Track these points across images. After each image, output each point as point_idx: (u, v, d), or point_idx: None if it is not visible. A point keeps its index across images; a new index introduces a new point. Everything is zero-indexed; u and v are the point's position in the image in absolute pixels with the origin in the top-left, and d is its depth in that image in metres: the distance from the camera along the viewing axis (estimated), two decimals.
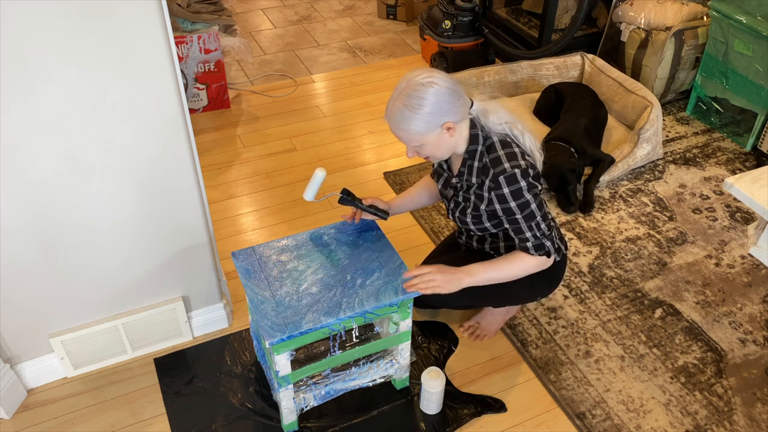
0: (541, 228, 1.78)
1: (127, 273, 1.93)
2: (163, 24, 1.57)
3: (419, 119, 1.65)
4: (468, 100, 1.74)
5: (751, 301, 2.32)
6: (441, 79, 1.67)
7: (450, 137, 1.71)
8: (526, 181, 1.72)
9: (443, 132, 1.69)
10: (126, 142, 1.70)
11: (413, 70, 1.70)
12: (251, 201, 2.77)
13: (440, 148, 1.73)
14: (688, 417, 1.95)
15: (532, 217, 1.76)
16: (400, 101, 1.66)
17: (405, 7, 4.23)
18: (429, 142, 1.71)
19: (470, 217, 1.86)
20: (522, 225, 1.77)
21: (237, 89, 3.52)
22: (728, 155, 3.04)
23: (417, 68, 1.71)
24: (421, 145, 1.72)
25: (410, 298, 1.76)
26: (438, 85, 1.65)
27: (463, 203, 1.87)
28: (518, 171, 1.70)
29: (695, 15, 3.22)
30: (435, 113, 1.66)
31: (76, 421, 1.92)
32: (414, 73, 1.68)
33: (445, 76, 1.68)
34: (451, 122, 1.69)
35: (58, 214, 1.72)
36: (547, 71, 3.32)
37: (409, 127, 1.67)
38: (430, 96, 1.64)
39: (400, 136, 1.72)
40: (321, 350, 1.92)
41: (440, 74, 1.68)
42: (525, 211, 1.74)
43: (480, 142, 1.76)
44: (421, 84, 1.65)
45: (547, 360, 2.11)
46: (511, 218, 1.77)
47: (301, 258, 1.84)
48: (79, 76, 1.55)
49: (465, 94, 1.73)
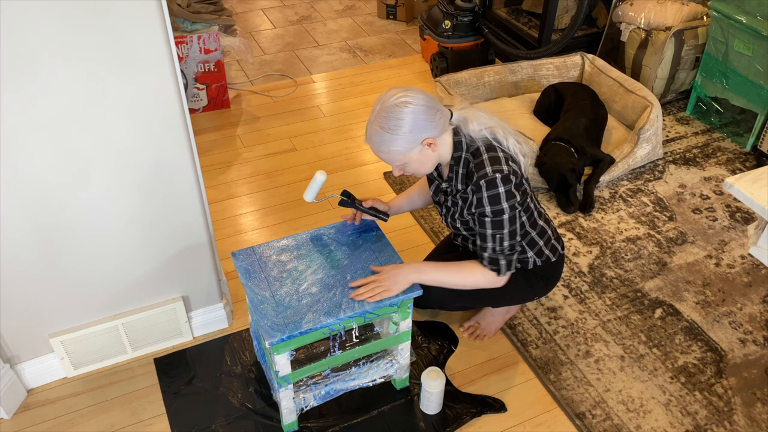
0: (503, 244, 1.75)
1: (127, 273, 1.93)
2: (163, 24, 1.57)
3: (398, 140, 1.65)
4: (447, 111, 1.73)
5: (751, 301, 2.32)
6: (415, 97, 1.65)
7: (432, 152, 1.71)
8: (505, 187, 1.70)
9: (424, 148, 1.69)
10: (126, 142, 1.70)
11: (387, 90, 1.69)
12: (251, 201, 2.77)
13: (424, 164, 1.73)
14: (688, 417, 1.96)
15: (499, 227, 1.73)
16: (377, 124, 1.66)
17: (405, 7, 4.23)
18: (412, 159, 1.70)
19: (459, 222, 1.87)
20: (487, 232, 1.75)
21: (237, 89, 3.52)
22: (728, 155, 3.04)
23: (391, 88, 1.70)
24: (405, 163, 1.72)
25: (410, 299, 1.76)
26: (413, 103, 1.64)
27: (452, 207, 1.87)
28: (499, 176, 1.69)
29: (695, 15, 3.22)
30: (413, 132, 1.65)
31: (76, 421, 1.92)
32: (388, 94, 1.67)
33: (419, 93, 1.67)
34: (431, 138, 1.68)
35: (58, 214, 1.72)
36: (547, 71, 3.32)
37: (389, 148, 1.67)
38: (406, 116, 1.63)
39: (382, 158, 1.72)
40: (321, 350, 1.92)
41: (414, 91, 1.67)
42: (495, 219, 1.73)
43: (464, 149, 1.75)
44: (396, 105, 1.64)
45: (547, 360, 2.11)
46: (480, 222, 1.75)
47: (301, 258, 1.84)
48: (79, 76, 1.55)
49: (442, 107, 1.71)
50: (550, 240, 1.94)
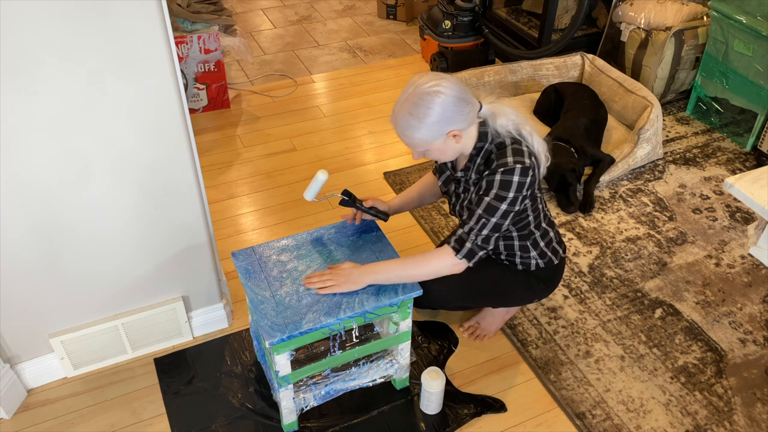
0: (482, 231, 1.72)
1: (127, 273, 1.93)
2: (163, 24, 1.57)
3: (424, 128, 1.64)
4: (477, 103, 1.72)
5: (751, 301, 2.32)
6: (448, 87, 1.63)
7: (456, 143, 1.70)
8: (521, 178, 1.69)
9: (449, 139, 1.68)
10: (126, 142, 1.70)
11: (422, 74, 1.67)
12: (251, 201, 2.77)
13: (446, 153, 1.72)
14: (688, 417, 1.95)
15: (490, 213, 1.70)
16: (406, 109, 1.64)
17: (405, 7, 4.23)
18: (434, 148, 1.70)
19: (467, 211, 1.83)
20: (475, 212, 1.71)
21: (237, 89, 3.52)
22: (728, 155, 3.04)
23: (425, 73, 1.68)
24: (427, 150, 1.71)
25: (410, 299, 1.76)
26: (444, 94, 1.62)
27: (462, 194, 1.86)
28: (519, 167, 1.69)
29: (695, 15, 3.22)
30: (440, 122, 1.64)
31: (76, 421, 1.92)
32: (422, 80, 1.65)
33: (452, 84, 1.65)
34: (457, 130, 1.67)
35: (58, 214, 1.72)
36: (547, 71, 3.32)
37: (413, 134, 1.66)
38: (436, 106, 1.62)
39: (404, 141, 1.71)
40: (321, 350, 1.92)
41: (448, 81, 1.65)
42: (492, 202, 1.69)
43: (488, 140, 1.74)
44: (428, 93, 1.62)
45: (547, 360, 2.11)
46: (477, 201, 1.72)
47: (301, 258, 1.84)
48: (79, 76, 1.55)
49: (473, 99, 1.70)
50: (551, 242, 1.94)
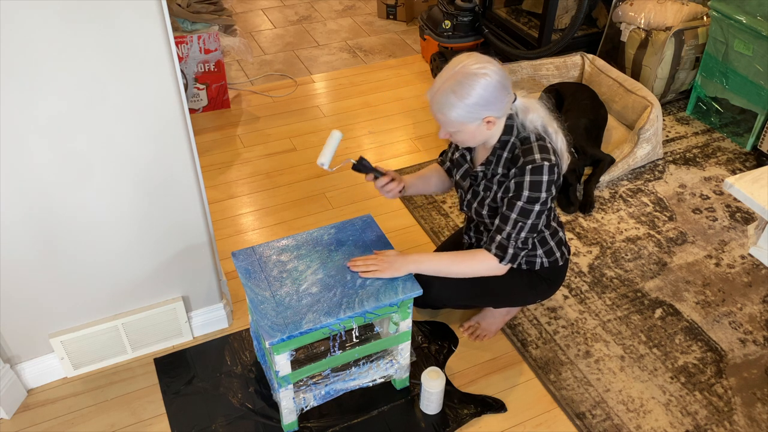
0: (521, 234, 1.75)
1: (127, 273, 1.93)
2: (163, 24, 1.57)
3: (462, 108, 1.63)
4: (513, 95, 1.72)
5: (751, 301, 2.32)
6: (494, 71, 1.63)
7: (488, 130, 1.70)
8: (549, 177, 1.70)
9: (483, 124, 1.68)
10: (126, 142, 1.70)
11: (470, 54, 1.67)
12: (251, 201, 2.77)
13: (475, 138, 1.72)
14: (688, 417, 1.95)
15: (525, 215, 1.73)
16: (449, 86, 1.63)
17: (405, 7, 4.23)
18: (466, 130, 1.69)
19: (487, 208, 1.84)
20: (511, 216, 1.73)
21: (237, 89, 3.52)
22: (728, 155, 3.04)
23: (473, 54, 1.67)
24: (458, 131, 1.70)
25: (410, 299, 1.76)
26: (490, 77, 1.62)
27: (482, 193, 1.84)
28: (547, 164, 1.69)
29: (695, 15, 3.22)
30: (480, 105, 1.63)
31: (76, 421, 1.92)
32: (470, 60, 1.64)
33: (498, 69, 1.65)
34: (493, 117, 1.67)
35: (58, 214, 1.72)
36: (547, 71, 3.32)
37: (450, 112, 1.65)
38: (480, 88, 1.61)
39: (437, 118, 1.69)
40: (321, 350, 1.92)
41: (494, 66, 1.65)
42: (526, 205, 1.72)
43: (514, 134, 1.74)
44: (474, 74, 1.61)
45: (547, 360, 2.11)
46: (510, 203, 1.74)
47: (301, 258, 1.84)
48: (79, 76, 1.55)
49: (511, 90, 1.70)
50: (561, 243, 1.94)
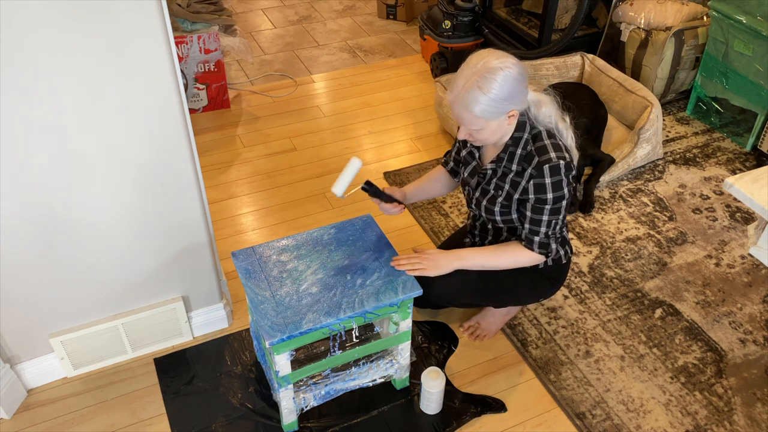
0: (557, 228, 1.78)
1: (127, 273, 1.93)
2: (163, 24, 1.57)
3: (488, 103, 1.62)
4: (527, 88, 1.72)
5: (751, 301, 2.32)
6: (514, 64, 1.63)
7: (508, 125, 1.70)
8: (566, 172, 1.71)
9: (505, 119, 1.67)
10: (126, 142, 1.70)
11: (489, 52, 1.66)
12: (251, 201, 2.77)
13: (496, 134, 1.71)
14: (688, 417, 1.95)
15: (557, 213, 1.75)
16: (474, 81, 1.62)
17: (405, 7, 4.23)
18: (489, 127, 1.68)
19: (499, 206, 1.83)
20: (543, 218, 1.75)
21: (237, 89, 3.52)
22: (728, 155, 3.04)
23: (491, 51, 1.67)
24: (482, 128, 1.68)
25: (410, 299, 1.76)
26: (512, 70, 1.62)
27: (493, 192, 1.84)
28: (563, 163, 1.70)
29: (695, 15, 3.22)
30: (505, 99, 1.63)
31: (76, 421, 1.92)
32: (490, 56, 1.64)
33: (517, 61, 1.65)
34: (516, 110, 1.67)
35: (58, 214, 1.72)
36: (547, 71, 3.32)
37: (475, 108, 1.63)
38: (503, 81, 1.61)
39: (462, 117, 1.67)
40: (321, 350, 1.92)
41: (514, 59, 1.65)
42: (554, 205, 1.73)
43: (527, 130, 1.74)
44: (499, 68, 1.61)
45: (547, 360, 2.11)
46: (537, 208, 1.75)
47: (301, 258, 1.84)
48: (79, 76, 1.55)
49: None
50: (565, 241, 1.94)
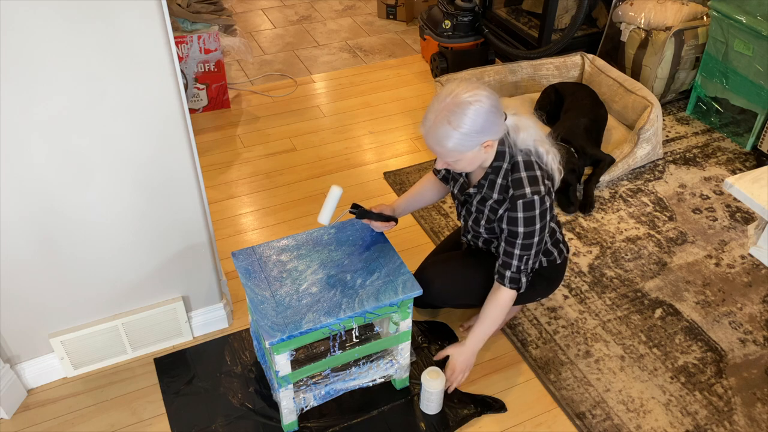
0: (528, 263, 1.79)
1: (127, 273, 1.93)
2: (163, 24, 1.57)
3: (459, 138, 1.63)
4: (504, 113, 1.72)
5: (751, 301, 2.32)
6: (486, 96, 1.63)
7: (485, 153, 1.70)
8: (541, 208, 1.72)
9: (481, 149, 1.68)
10: (126, 142, 1.70)
11: (459, 83, 1.67)
12: (251, 201, 2.77)
13: (473, 163, 1.72)
14: (688, 417, 1.96)
15: (528, 248, 1.77)
16: (443, 116, 1.62)
17: (405, 7, 4.23)
18: (466, 158, 1.69)
19: (483, 228, 1.88)
20: (515, 252, 1.77)
21: (237, 89, 3.52)
22: (728, 155, 3.04)
23: (462, 82, 1.67)
24: (457, 160, 1.70)
25: (410, 298, 1.76)
26: (483, 103, 1.62)
27: (475, 213, 1.87)
28: (537, 198, 1.70)
29: (695, 15, 3.22)
30: (478, 132, 1.63)
31: (76, 421, 1.92)
32: (459, 89, 1.64)
33: (489, 93, 1.65)
34: (491, 141, 1.67)
35: (58, 214, 1.72)
36: (547, 71, 3.32)
37: (448, 143, 1.64)
38: (474, 116, 1.61)
39: (435, 151, 1.69)
40: (321, 350, 1.92)
41: (485, 90, 1.64)
42: (525, 241, 1.75)
43: (506, 160, 1.74)
44: (468, 102, 1.61)
45: (547, 360, 2.11)
46: (509, 241, 1.77)
47: (301, 258, 1.84)
48: (79, 76, 1.55)
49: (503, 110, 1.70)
50: (558, 242, 1.95)
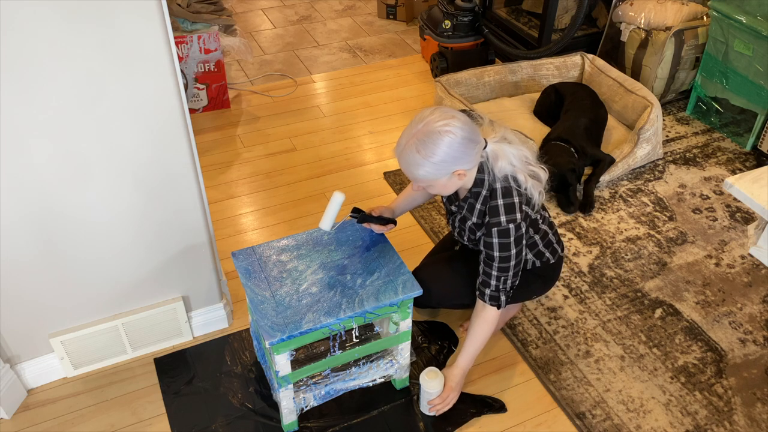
0: (506, 283, 1.81)
1: (127, 273, 1.93)
2: (163, 24, 1.57)
3: (430, 167, 1.63)
4: (483, 142, 1.71)
5: (751, 301, 2.32)
6: (458, 127, 1.61)
7: (459, 180, 1.70)
8: (516, 234, 1.74)
9: (453, 177, 1.68)
10: (126, 142, 1.70)
11: (433, 110, 1.65)
12: (251, 201, 2.77)
13: (447, 188, 1.73)
14: (688, 417, 1.96)
15: (505, 270, 1.78)
16: (413, 145, 1.62)
17: (405, 7, 4.23)
18: (438, 184, 1.70)
19: (468, 240, 1.91)
20: (493, 272, 1.79)
21: (237, 89, 3.52)
22: (728, 155, 3.04)
23: (436, 109, 1.65)
24: (429, 185, 1.71)
25: (410, 298, 1.76)
26: (454, 134, 1.60)
27: (458, 228, 1.91)
28: (512, 226, 1.72)
29: (695, 15, 3.22)
30: (447, 162, 1.63)
31: (76, 421, 1.92)
32: (433, 116, 1.62)
33: (462, 123, 1.63)
34: (463, 170, 1.67)
35: (58, 214, 1.72)
36: (547, 71, 3.32)
37: (417, 170, 1.65)
38: (444, 146, 1.60)
39: (407, 173, 1.69)
40: (321, 350, 1.92)
41: (459, 121, 1.62)
42: (502, 264, 1.77)
43: (485, 187, 1.75)
44: (438, 132, 1.60)
45: (547, 360, 2.11)
46: (488, 262, 1.79)
47: (301, 258, 1.84)
48: (79, 76, 1.55)
49: (481, 138, 1.69)
50: (551, 243, 1.95)
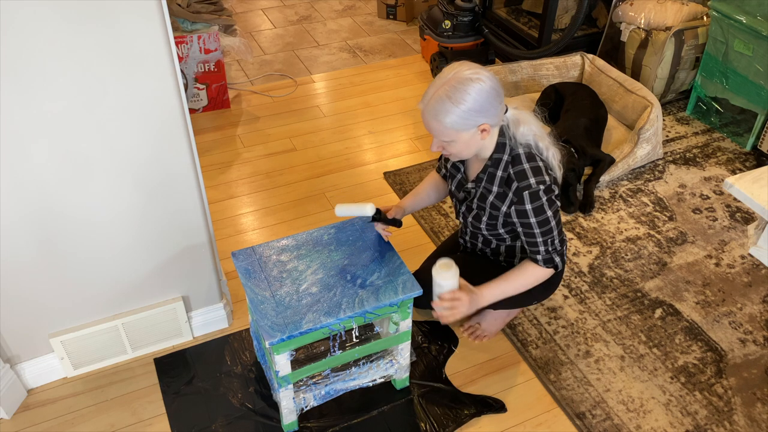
0: (555, 243, 1.79)
1: (127, 273, 1.93)
2: (163, 24, 1.57)
3: (458, 114, 1.62)
4: (505, 106, 1.71)
5: (751, 301, 2.32)
6: (488, 77, 1.63)
7: (482, 139, 1.69)
8: (548, 197, 1.72)
9: (477, 133, 1.67)
10: (126, 142, 1.70)
11: (462, 62, 1.66)
12: (251, 201, 2.77)
13: (469, 147, 1.71)
14: (688, 417, 1.96)
15: (549, 232, 1.76)
16: (444, 91, 1.62)
17: (405, 7, 4.23)
18: (461, 139, 1.67)
19: (485, 224, 1.87)
20: (538, 239, 1.77)
21: (237, 89, 3.52)
22: (728, 155, 3.04)
23: (465, 62, 1.67)
24: (452, 141, 1.68)
25: (410, 298, 1.76)
26: (484, 82, 1.61)
27: (476, 210, 1.86)
28: (542, 187, 1.70)
29: (695, 15, 3.22)
30: (475, 111, 1.62)
31: (76, 421, 1.92)
32: (462, 67, 1.64)
33: (491, 75, 1.64)
34: (488, 125, 1.66)
35: (58, 214, 1.72)
36: (547, 71, 3.32)
37: (445, 119, 1.63)
38: (474, 93, 1.61)
39: (431, 127, 1.67)
40: (321, 350, 1.92)
41: (487, 72, 1.64)
42: (543, 227, 1.75)
43: (506, 152, 1.74)
44: (469, 79, 1.61)
45: (547, 360, 2.11)
46: (528, 231, 1.77)
47: (301, 258, 1.84)
48: (79, 76, 1.55)
49: (503, 96, 1.70)
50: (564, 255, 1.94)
